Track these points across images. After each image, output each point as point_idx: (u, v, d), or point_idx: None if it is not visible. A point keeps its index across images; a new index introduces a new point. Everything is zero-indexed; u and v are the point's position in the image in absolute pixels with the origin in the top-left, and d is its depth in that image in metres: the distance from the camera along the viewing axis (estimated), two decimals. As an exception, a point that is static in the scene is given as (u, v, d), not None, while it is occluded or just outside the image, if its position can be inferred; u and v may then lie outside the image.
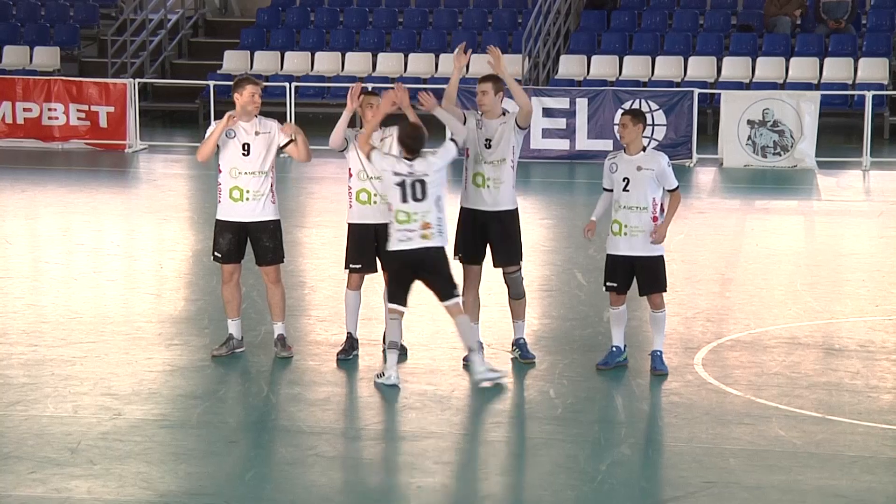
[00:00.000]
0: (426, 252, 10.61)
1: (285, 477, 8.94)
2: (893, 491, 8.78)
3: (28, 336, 12.06)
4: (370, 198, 11.21)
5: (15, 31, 30.12)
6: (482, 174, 11.10)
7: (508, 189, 11.14)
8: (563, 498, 8.62)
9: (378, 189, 11.00)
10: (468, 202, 11.23)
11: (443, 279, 10.72)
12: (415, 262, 10.64)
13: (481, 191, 11.10)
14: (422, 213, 10.59)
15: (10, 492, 8.47)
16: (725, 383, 10.81)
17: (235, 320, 11.51)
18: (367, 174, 11.20)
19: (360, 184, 11.25)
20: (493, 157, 11.07)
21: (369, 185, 11.20)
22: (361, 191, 11.24)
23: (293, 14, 30.20)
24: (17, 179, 22.11)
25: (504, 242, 11.17)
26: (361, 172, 11.22)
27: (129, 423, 9.87)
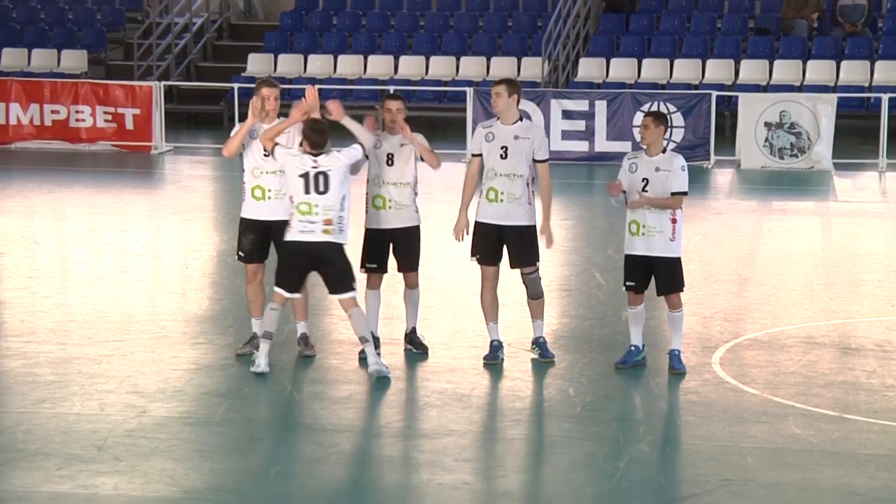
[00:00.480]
0: (325, 245, 10.75)
1: (308, 474, 8.95)
2: (909, 489, 8.77)
3: (55, 335, 12.09)
4: (385, 203, 11.21)
5: (43, 34, 30.20)
6: (495, 188, 11.05)
7: (524, 204, 11.06)
8: (582, 495, 8.61)
9: (286, 185, 10.92)
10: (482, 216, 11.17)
11: (337, 273, 10.84)
12: (313, 254, 10.78)
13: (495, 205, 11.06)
14: (324, 206, 10.71)
15: (38, 488, 8.50)
16: (743, 382, 10.79)
17: (259, 319, 11.52)
18: (381, 180, 11.21)
19: (375, 189, 11.26)
20: (506, 169, 11.02)
21: (384, 190, 11.21)
22: (377, 196, 11.25)
23: (316, 17, 30.23)
24: (45, 180, 22.18)
25: (519, 245, 11.14)
26: (377, 178, 11.23)
27: (155, 420, 9.89)
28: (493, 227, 11.09)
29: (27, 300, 13.51)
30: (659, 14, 29.17)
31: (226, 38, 31.28)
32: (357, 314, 10.88)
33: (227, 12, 31.56)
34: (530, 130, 11.16)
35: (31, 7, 31.21)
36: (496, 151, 11.03)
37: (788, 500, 8.43)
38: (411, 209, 11.28)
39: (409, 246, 11.31)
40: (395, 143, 11.25)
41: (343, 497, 8.51)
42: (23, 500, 8.31)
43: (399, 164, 11.22)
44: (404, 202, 11.23)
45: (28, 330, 12.29)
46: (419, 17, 29.98)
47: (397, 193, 11.22)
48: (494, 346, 11.31)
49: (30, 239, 17.34)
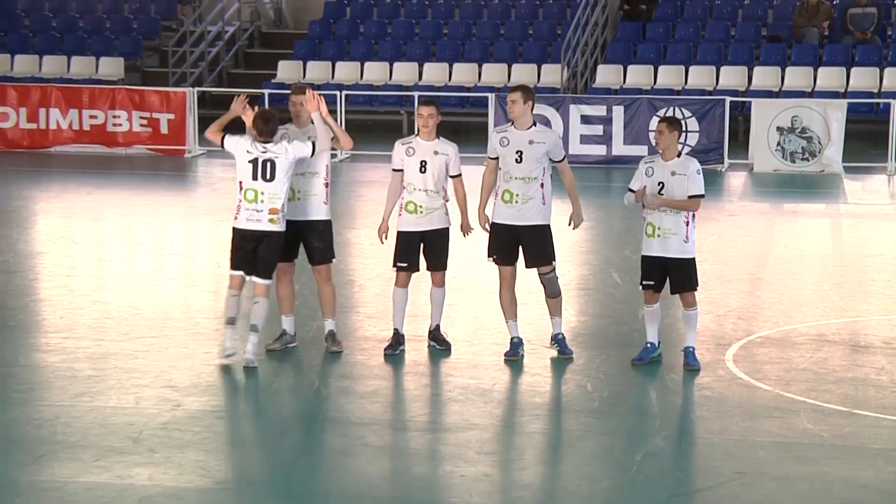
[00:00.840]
0: (267, 234, 10.87)
1: (335, 465, 8.96)
2: (917, 482, 8.73)
3: (93, 331, 12.12)
4: (417, 208, 11.22)
5: (82, 42, 30.31)
6: (510, 191, 11.05)
7: (538, 205, 11.07)
8: (599, 488, 8.60)
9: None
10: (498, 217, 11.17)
11: (266, 260, 10.96)
12: (257, 240, 10.90)
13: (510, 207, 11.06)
14: (269, 194, 10.81)
15: (77, 478, 8.53)
16: (755, 378, 10.77)
17: (289, 317, 11.53)
18: (414, 187, 11.22)
19: (408, 196, 11.27)
20: (521, 172, 11.02)
21: (416, 196, 11.22)
22: (409, 202, 11.26)
23: (344, 26, 30.26)
24: (84, 183, 22.26)
25: (534, 244, 11.14)
26: (410, 185, 11.24)
27: (188, 413, 9.91)
28: (509, 227, 11.09)
29: (66, 297, 13.56)
30: (674, 22, 29.12)
31: (257, 45, 31.35)
32: (262, 303, 11.00)
33: (259, 21, 31.62)
34: (544, 134, 11.18)
35: (70, 16, 31.33)
36: (511, 155, 11.04)
37: (799, 493, 8.41)
38: (441, 212, 11.29)
39: (438, 247, 11.34)
40: (429, 149, 11.23)
41: (368, 488, 8.52)
42: (62, 489, 8.34)
43: (431, 170, 11.22)
44: (434, 206, 11.26)
45: (67, 326, 12.33)
46: (443, 25, 29.99)
47: (427, 199, 11.23)
48: (514, 342, 11.31)
49: (69, 239, 17.40)
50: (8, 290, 13.81)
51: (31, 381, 10.68)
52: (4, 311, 12.86)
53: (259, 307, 10.98)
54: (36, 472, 8.66)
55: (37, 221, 18.96)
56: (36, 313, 13.06)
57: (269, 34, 31.66)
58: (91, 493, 8.27)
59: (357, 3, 31.11)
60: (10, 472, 8.67)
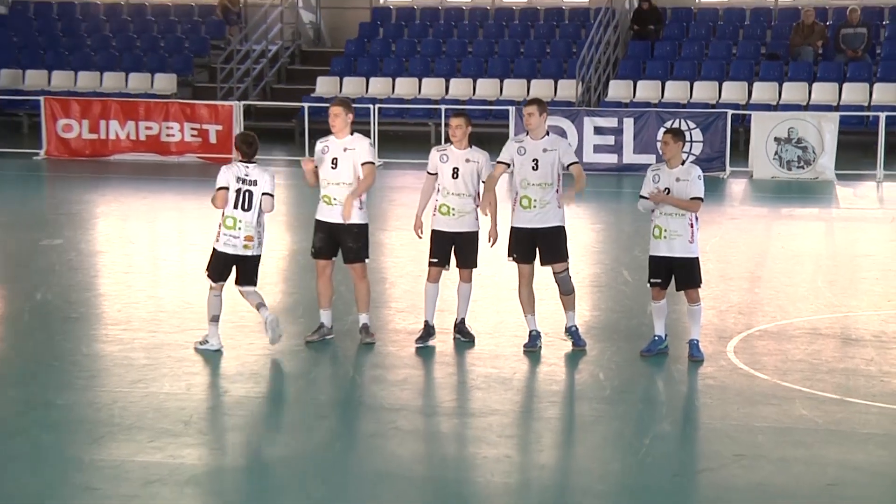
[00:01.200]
0: (244, 258, 11.06)
1: (368, 448, 8.95)
2: (903, 465, 8.69)
3: (148, 323, 12.15)
4: (449, 210, 11.22)
5: (139, 60, 30.42)
6: (528, 196, 11.03)
7: (554, 209, 11.04)
8: (611, 469, 8.57)
9: None
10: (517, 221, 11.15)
11: (247, 274, 11.11)
12: (234, 262, 11.07)
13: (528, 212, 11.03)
14: (245, 223, 10.97)
15: (133, 458, 8.55)
16: (754, 368, 10.73)
17: (327, 310, 11.53)
18: (448, 191, 11.23)
19: (442, 199, 11.28)
20: (537, 178, 10.99)
21: (448, 200, 11.23)
22: (442, 205, 11.27)
23: (377, 45, 30.29)
24: (139, 188, 22.33)
25: (549, 244, 11.12)
26: (444, 189, 11.25)
27: (234, 399, 9.92)
28: (528, 230, 11.07)
29: (124, 293, 13.60)
30: (680, 41, 29.05)
31: (297, 62, 31.40)
32: (252, 290, 11.14)
33: (299, 40, 31.67)
34: (555, 143, 11.16)
35: (128, 37, 31.46)
36: (528, 164, 11.02)
37: (795, 474, 8.37)
38: (472, 216, 11.29)
39: (468, 247, 11.32)
40: (461, 157, 11.23)
41: (399, 468, 8.51)
42: (119, 468, 8.36)
43: (462, 176, 11.21)
44: (465, 210, 11.24)
45: (124, 319, 12.37)
46: (467, 44, 29.98)
47: (459, 202, 11.22)
48: (533, 335, 11.29)
49: (126, 239, 17.45)
50: (71, 286, 13.86)
51: (91, 368, 10.71)
52: (68, 305, 12.90)
53: (253, 295, 11.18)
54: (96, 451, 8.69)
55: (97, 223, 19.02)
56: (96, 307, 13.10)
57: (309, 52, 31.71)
58: (146, 472, 8.28)
59: (389, 24, 31.14)
60: (73, 451, 8.70)
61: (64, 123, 25.63)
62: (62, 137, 25.64)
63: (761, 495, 7.98)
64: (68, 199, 20.98)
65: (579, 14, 30.40)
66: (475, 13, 31.19)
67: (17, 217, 19.05)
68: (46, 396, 9.90)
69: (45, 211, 19.84)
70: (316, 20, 32.21)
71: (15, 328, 12.19)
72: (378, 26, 31.10)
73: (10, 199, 21.15)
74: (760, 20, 29.57)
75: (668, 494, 8.11)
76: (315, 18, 32.21)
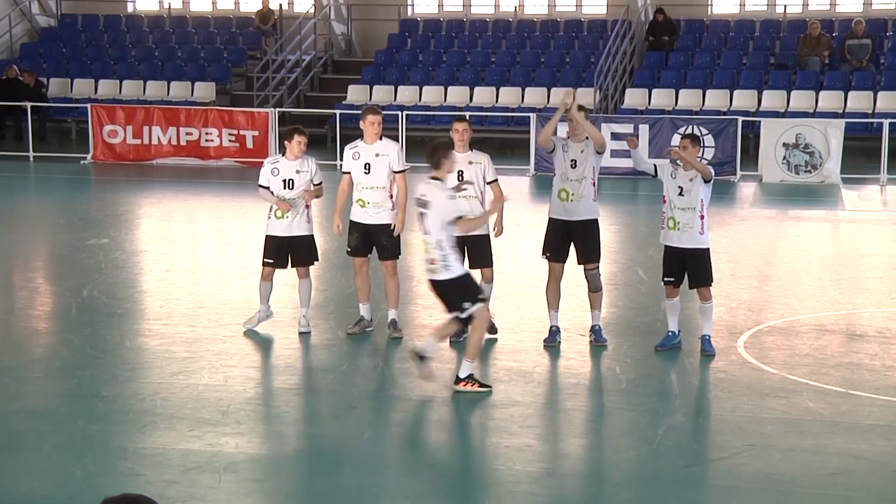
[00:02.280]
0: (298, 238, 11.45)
1: (397, 436, 8.96)
2: (906, 455, 8.64)
3: (188, 318, 12.18)
4: None
5: (180, 70, 30.51)
6: (566, 189, 11.03)
7: (588, 202, 11.05)
8: (627, 457, 8.56)
9: None
10: (555, 213, 11.16)
11: (302, 255, 11.56)
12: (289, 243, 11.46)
13: (566, 203, 11.04)
14: None
15: (174, 446, 8.57)
16: (763, 363, 10.69)
17: (366, 304, 11.55)
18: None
19: None
20: (575, 175, 11.01)
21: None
22: None
23: (405, 55, 30.29)
24: (180, 191, 22.39)
25: (586, 240, 11.11)
26: None
27: (270, 390, 9.94)
28: (564, 222, 11.01)
29: (165, 289, 13.64)
30: (693, 52, 28.96)
31: (330, 71, 31.42)
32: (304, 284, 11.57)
33: (331, 50, 31.71)
34: (591, 146, 11.15)
35: (170, 47, 31.56)
36: (567, 161, 11.03)
37: (802, 463, 8.33)
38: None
39: (481, 249, 11.30)
40: (464, 160, 11.22)
41: (425, 456, 8.52)
42: (161, 455, 8.39)
43: (468, 178, 11.20)
44: (473, 211, 11.20)
45: (166, 314, 12.41)
46: (491, 54, 29.95)
47: (467, 204, 11.20)
48: (553, 330, 11.28)
49: (168, 239, 17.51)
50: (116, 283, 13.91)
51: (135, 361, 10.75)
52: (113, 301, 12.95)
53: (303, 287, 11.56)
54: (139, 439, 8.72)
55: (140, 224, 19.09)
56: (139, 303, 13.15)
57: (341, 62, 31.73)
58: (186, 459, 8.31)
59: (417, 35, 31.13)
60: (118, 440, 8.73)
61: (109, 129, 25.73)
62: (108, 143, 25.74)
63: (769, 483, 7.95)
64: (113, 200, 21.07)
65: (597, 26, 30.33)
66: (498, 25, 31.16)
67: (66, 218, 19.14)
68: (93, 388, 9.94)
69: (92, 212, 19.93)
70: (347, 31, 32.24)
71: (63, 323, 12.25)
72: (406, 37, 31.10)
73: (59, 200, 21.25)
74: (770, 32, 29.44)
75: (681, 482, 8.09)
76: (346, 30, 32.23)
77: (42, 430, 8.93)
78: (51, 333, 11.97)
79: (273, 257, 11.54)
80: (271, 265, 11.57)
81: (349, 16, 32.11)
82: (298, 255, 11.54)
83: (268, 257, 11.55)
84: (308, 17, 31.07)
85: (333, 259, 14.75)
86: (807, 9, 29.98)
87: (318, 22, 31.09)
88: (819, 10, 29.73)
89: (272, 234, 11.54)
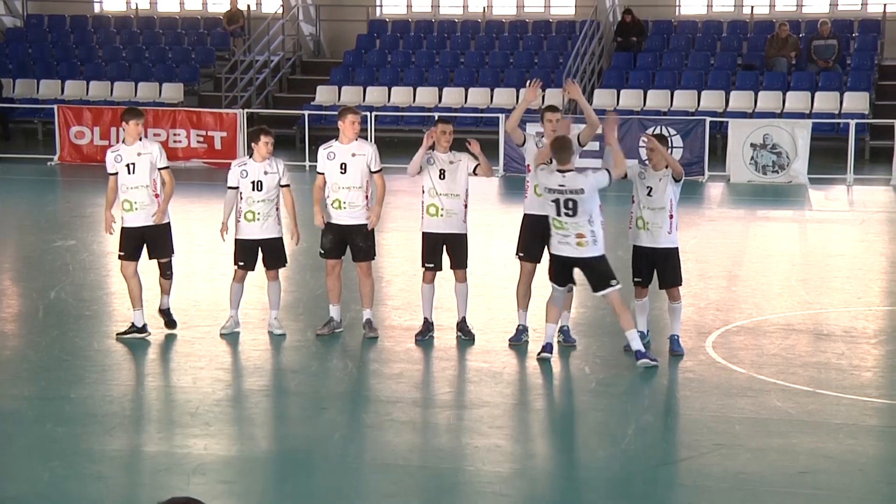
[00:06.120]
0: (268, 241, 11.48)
1: (366, 438, 8.94)
2: (872, 453, 8.70)
3: (156, 320, 12.10)
4: (437, 211, 11.21)
5: (147, 70, 30.37)
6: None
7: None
8: (596, 457, 8.58)
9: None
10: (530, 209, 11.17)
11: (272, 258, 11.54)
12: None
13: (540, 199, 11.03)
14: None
15: (142, 448, 8.54)
16: (732, 362, 10.73)
17: (336, 306, 11.53)
18: (436, 191, 11.20)
19: (430, 199, 11.25)
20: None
21: (438, 200, 11.20)
22: (430, 205, 11.25)
23: (374, 56, 30.27)
24: (148, 192, 22.24)
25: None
26: (432, 190, 11.22)
27: (239, 392, 9.92)
28: (540, 217, 10.96)
29: (133, 291, 13.55)
30: (661, 52, 29.06)
31: (298, 72, 31.36)
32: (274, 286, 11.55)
33: (300, 51, 31.64)
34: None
35: (137, 48, 31.41)
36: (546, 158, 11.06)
37: (770, 462, 8.37)
38: (460, 217, 11.25)
39: (459, 248, 11.30)
40: (445, 160, 11.24)
41: (395, 457, 8.51)
42: (129, 457, 8.35)
43: (449, 177, 11.21)
44: (454, 211, 11.22)
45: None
46: (460, 55, 29.97)
47: (448, 203, 11.20)
48: (520, 329, 11.29)
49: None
50: (84, 285, 13.84)
51: (103, 363, 10.70)
52: (81, 303, 12.88)
53: (273, 288, 11.53)
54: (108, 442, 8.68)
55: (108, 225, 18.96)
56: (107, 305, 13.08)
57: (309, 62, 31.68)
58: (154, 461, 8.27)
59: (385, 36, 31.11)
60: (86, 442, 8.69)
61: (76, 130, 25.59)
62: (75, 144, 25.61)
63: (738, 482, 7.99)
64: (81, 202, 20.94)
65: (566, 27, 30.40)
66: (467, 25, 31.18)
67: (33, 219, 19.02)
68: (60, 390, 9.89)
69: (59, 213, 19.81)
70: (316, 32, 32.18)
71: (30, 325, 12.17)
72: (375, 38, 31.08)
73: (25, 202, 21.11)
74: (737, 32, 29.59)
75: (651, 482, 8.11)
76: (315, 31, 32.17)
77: (9, 433, 8.87)
78: (17, 336, 11.90)
79: (244, 259, 11.51)
80: (244, 268, 11.54)
81: (317, 16, 32.05)
82: (269, 257, 11.52)
83: (240, 260, 11.53)
84: (276, 17, 31.00)
85: (302, 260, 14.72)
86: (774, 10, 30.14)
87: (286, 22, 31.03)
88: (786, 12, 29.90)
89: (242, 238, 11.51)
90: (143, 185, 11.47)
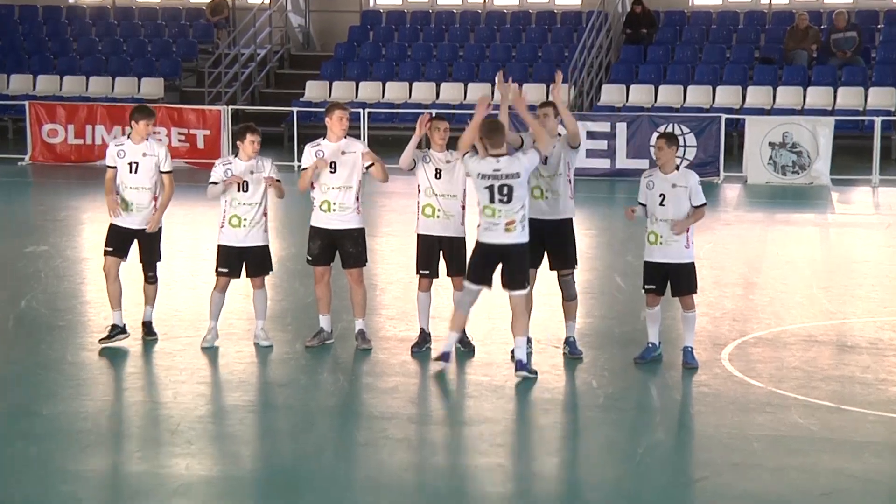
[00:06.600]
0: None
1: (359, 456, 8.93)
2: (900, 473, 8.69)
3: (135, 331, 12.10)
4: (434, 212, 11.21)
5: (125, 64, 30.40)
6: (539, 187, 11.03)
7: (565, 200, 11.06)
8: (605, 477, 8.57)
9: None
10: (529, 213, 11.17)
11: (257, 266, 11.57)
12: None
13: (539, 202, 11.03)
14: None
15: (120, 468, 8.53)
16: (749, 376, 10.73)
17: (326, 315, 11.52)
18: (433, 191, 11.20)
19: (426, 199, 11.25)
20: (548, 171, 11.03)
21: (434, 200, 11.20)
22: (427, 206, 11.25)
23: (367, 49, 30.30)
24: (126, 194, 22.23)
25: (560, 248, 11.11)
26: (428, 189, 11.22)
27: (222, 407, 9.91)
28: (538, 221, 10.96)
29: (110, 300, 13.55)
30: (673, 45, 29.10)
31: (286, 67, 31.40)
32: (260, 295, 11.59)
33: (288, 44, 31.68)
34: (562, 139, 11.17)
35: (115, 40, 31.44)
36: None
37: (791, 482, 8.37)
38: (458, 219, 11.25)
39: (456, 253, 11.29)
40: (441, 159, 11.25)
41: (390, 478, 8.50)
42: (105, 478, 8.34)
43: (446, 177, 11.21)
44: (451, 212, 11.22)
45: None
46: (458, 48, 30.01)
47: (445, 203, 11.20)
48: (524, 341, 11.27)
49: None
50: (57, 293, 13.83)
51: (78, 377, 10.69)
52: (54, 313, 12.88)
53: (259, 297, 11.57)
54: (82, 461, 8.67)
55: (83, 230, 18.99)
56: (82, 314, 13.07)
57: (298, 56, 31.71)
58: (133, 481, 8.26)
59: (379, 28, 31.16)
60: (59, 461, 8.67)
61: (49, 128, 25.61)
62: (47, 143, 25.62)
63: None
64: (54, 205, 20.94)
65: (571, 18, 30.44)
66: (466, 16, 31.22)
67: (2, 223, 19.02)
68: (32, 406, 9.87)
69: (31, 217, 19.81)
70: (305, 24, 32.20)
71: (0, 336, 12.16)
72: (368, 30, 31.12)
73: (-6, 205, 21.11)
74: (754, 24, 29.62)
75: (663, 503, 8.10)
76: (304, 22, 32.20)
77: (-23, 452, 8.86)
78: (-14, 348, 11.89)
79: (227, 267, 11.50)
80: (226, 275, 11.53)
81: (307, 7, 32.08)
82: (253, 264, 11.51)
83: (222, 266, 11.52)
84: (263, 8, 31.03)
85: (290, 266, 14.72)
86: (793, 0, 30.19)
87: (273, 13, 31.06)
88: (806, 2, 29.95)
89: (225, 244, 11.50)
90: (144, 188, 11.54)
